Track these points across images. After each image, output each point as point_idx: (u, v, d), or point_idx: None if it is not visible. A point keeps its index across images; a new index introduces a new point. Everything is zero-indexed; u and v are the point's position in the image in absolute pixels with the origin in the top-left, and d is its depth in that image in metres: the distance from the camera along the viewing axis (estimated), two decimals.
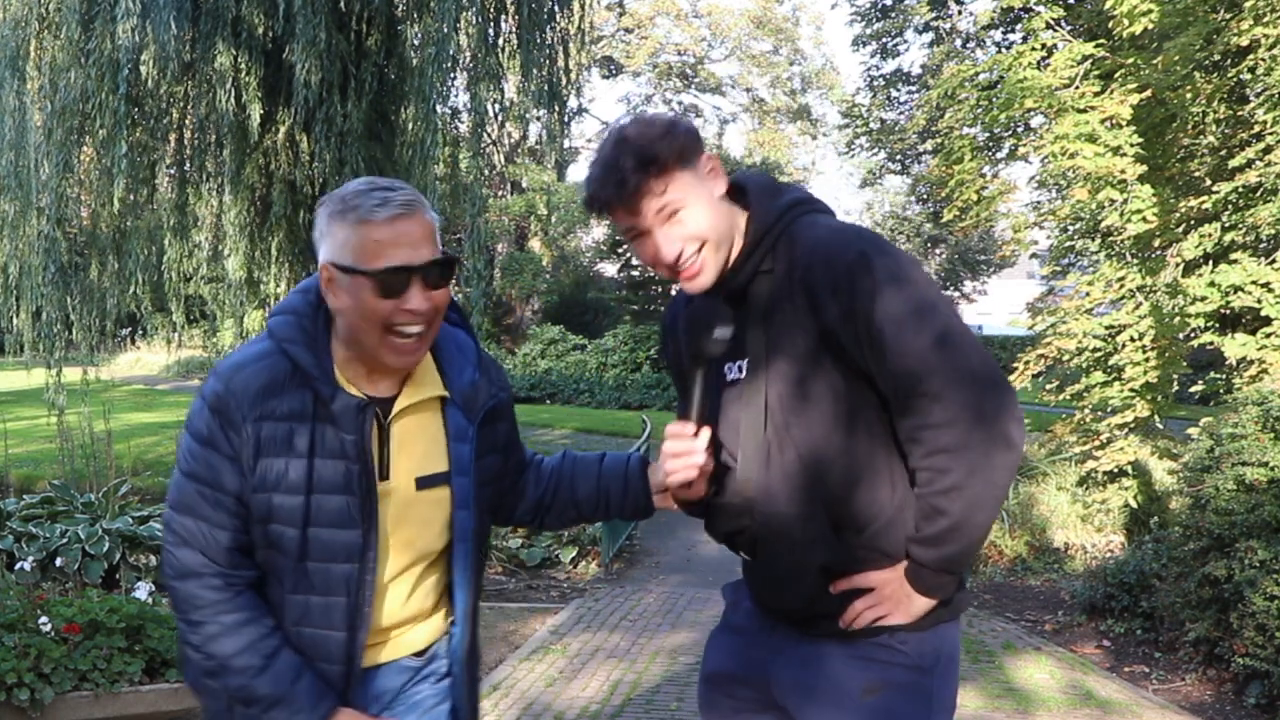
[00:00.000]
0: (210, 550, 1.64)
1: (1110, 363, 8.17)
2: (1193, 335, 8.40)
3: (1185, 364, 8.47)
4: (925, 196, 28.78)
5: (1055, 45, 9.34)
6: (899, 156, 24.19)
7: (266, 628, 1.66)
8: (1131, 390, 7.93)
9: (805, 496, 1.71)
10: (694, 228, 1.70)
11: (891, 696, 1.72)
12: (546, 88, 10.55)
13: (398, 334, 1.65)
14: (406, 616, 1.79)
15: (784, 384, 1.71)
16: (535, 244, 30.79)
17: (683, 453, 1.77)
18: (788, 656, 1.81)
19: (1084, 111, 8.18)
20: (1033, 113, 9.64)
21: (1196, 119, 8.86)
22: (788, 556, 1.75)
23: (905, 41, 22.46)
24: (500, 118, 11.57)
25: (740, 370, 1.77)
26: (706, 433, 1.77)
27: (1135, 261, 8.52)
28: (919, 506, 1.67)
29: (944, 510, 1.62)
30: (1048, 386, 9.24)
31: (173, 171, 11.06)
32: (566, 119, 12.80)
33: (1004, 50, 14.60)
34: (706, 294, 1.78)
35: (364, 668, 1.74)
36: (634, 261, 27.88)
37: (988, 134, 11.95)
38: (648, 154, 1.67)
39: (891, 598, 1.70)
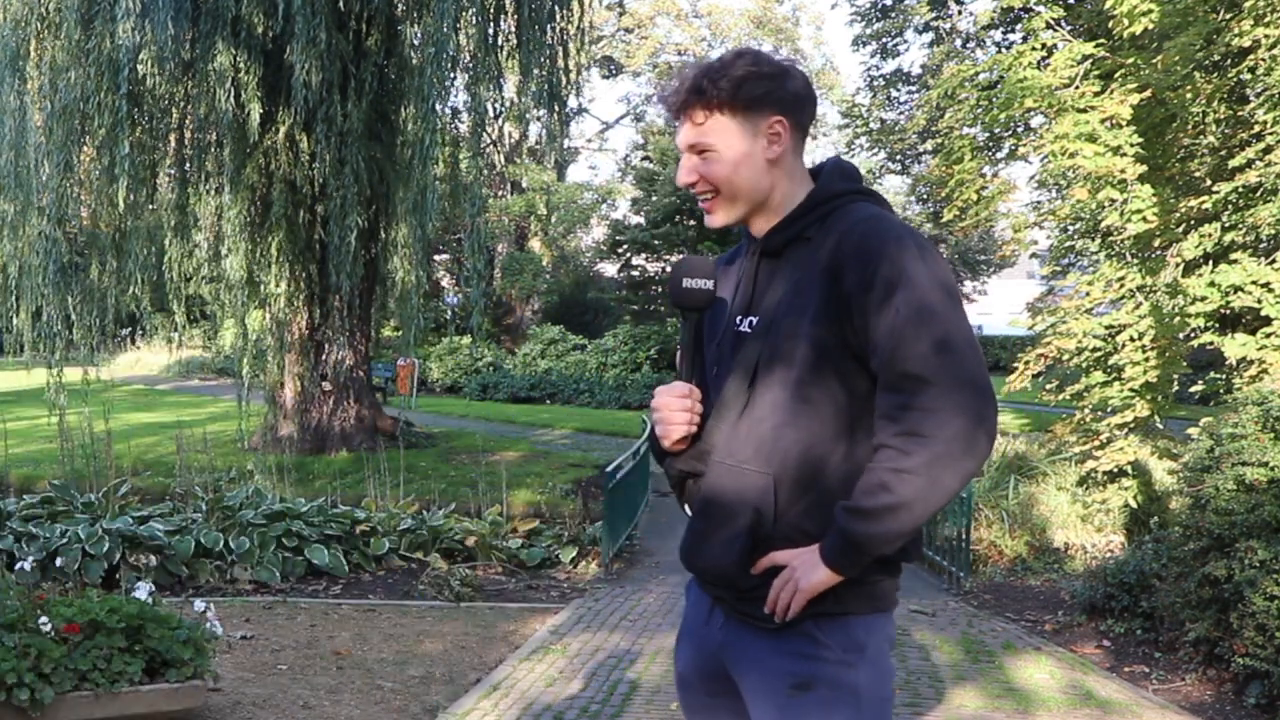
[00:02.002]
0: None
1: (1110, 363, 8.17)
2: (1193, 335, 8.41)
3: (1185, 364, 8.47)
4: (925, 196, 28.78)
5: (1055, 45, 9.35)
6: (899, 156, 24.18)
7: None
8: (1131, 390, 7.93)
9: (759, 456, 1.72)
10: (712, 172, 1.76)
11: (818, 691, 1.72)
12: (546, 88, 10.56)
13: None
14: None
15: (777, 346, 1.73)
16: (535, 244, 30.79)
17: (664, 409, 1.80)
18: (730, 646, 1.83)
19: (1084, 111, 8.19)
20: (1033, 113, 9.65)
21: (1196, 119, 8.86)
22: (721, 511, 1.76)
23: (905, 41, 22.49)
24: (500, 118, 11.61)
25: (750, 326, 1.80)
26: (693, 394, 1.80)
27: (1135, 261, 8.53)
28: (866, 479, 1.65)
29: (891, 488, 1.61)
30: (1048, 386, 9.24)
31: (173, 171, 11.07)
32: (566, 119, 12.82)
33: (1004, 50, 14.60)
34: (745, 246, 1.87)
35: None
36: (634, 261, 27.88)
37: (988, 134, 11.95)
38: (701, 85, 1.71)
39: (799, 568, 1.70)
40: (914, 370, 1.61)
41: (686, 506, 1.87)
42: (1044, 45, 9.45)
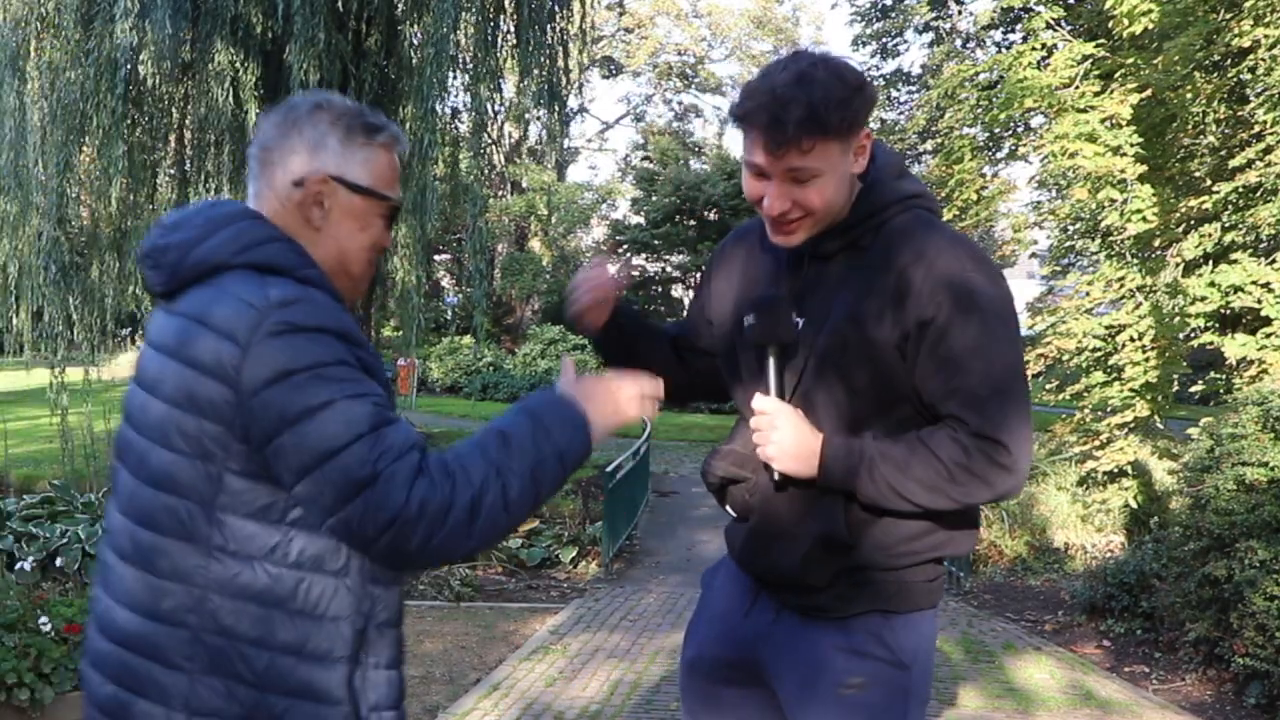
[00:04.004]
0: (412, 440, 1.37)
1: (1110, 363, 8.16)
2: (1193, 335, 8.41)
3: (1185, 364, 8.47)
4: None
5: (1055, 45, 9.35)
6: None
7: (472, 444, 1.43)
8: (1131, 390, 7.93)
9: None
10: (812, 200, 1.66)
11: (873, 692, 1.73)
12: (546, 88, 10.55)
13: (374, 265, 1.58)
14: None
15: (826, 352, 1.70)
16: (535, 244, 30.79)
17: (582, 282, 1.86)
18: (776, 637, 1.81)
19: (1084, 111, 8.19)
20: (1033, 112, 9.65)
21: (1196, 119, 8.86)
22: (788, 517, 1.75)
23: (905, 41, 22.50)
24: (500, 118, 11.58)
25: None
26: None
27: (1135, 261, 8.52)
28: (921, 437, 1.65)
29: (922, 479, 1.64)
30: (1048, 386, 9.23)
31: (172, 171, 11.05)
32: (566, 119, 12.82)
33: (1004, 50, 14.61)
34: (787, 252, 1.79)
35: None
36: (634, 261, 27.86)
37: (988, 134, 11.96)
38: (820, 115, 1.59)
39: (778, 430, 1.69)
40: (956, 413, 1.64)
41: (729, 508, 1.86)
42: (1044, 45, 9.45)
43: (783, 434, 1.68)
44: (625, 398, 1.56)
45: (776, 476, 1.73)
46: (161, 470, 1.39)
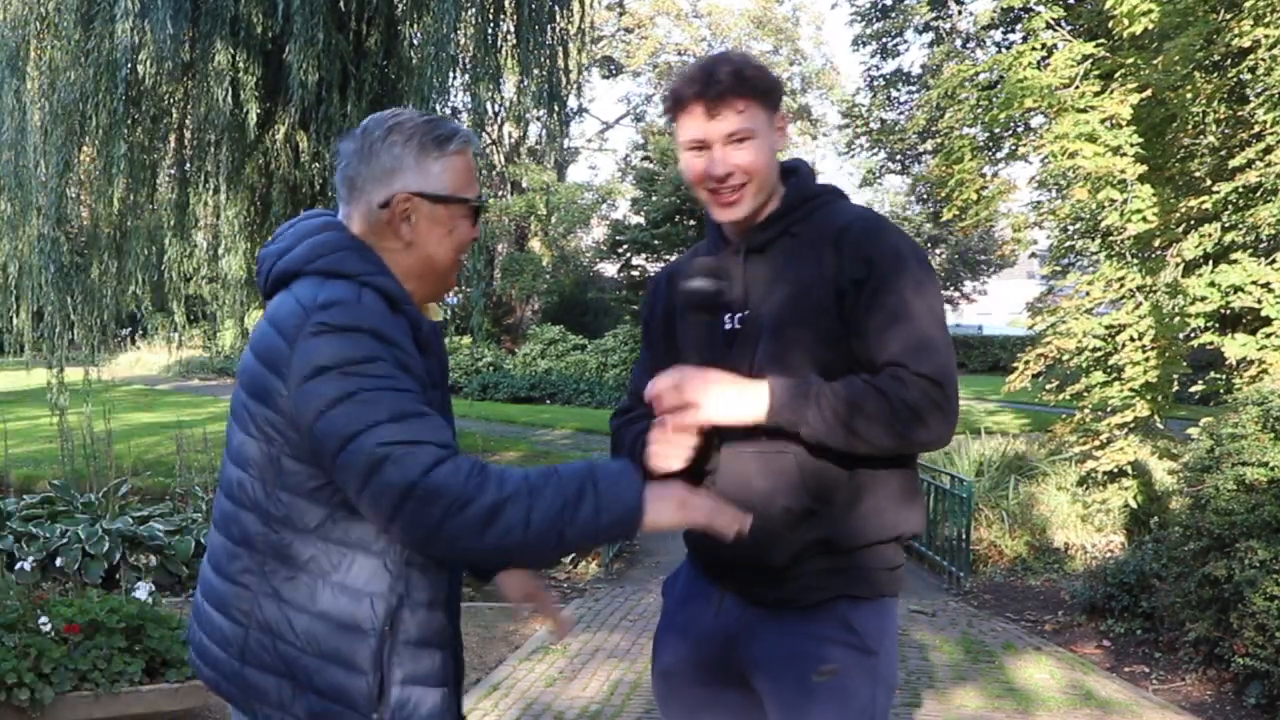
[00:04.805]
0: (440, 440, 1.48)
1: (1110, 363, 8.17)
2: (1193, 335, 8.41)
3: (1185, 364, 8.47)
4: (925, 196, 28.80)
5: (1055, 45, 9.35)
6: (899, 156, 24.19)
7: (517, 473, 1.50)
8: (1131, 390, 7.93)
9: (766, 435, 1.75)
10: (751, 161, 1.78)
11: (844, 677, 1.78)
12: (546, 88, 10.54)
13: (460, 262, 1.72)
14: None
15: (776, 335, 1.78)
16: (535, 244, 30.77)
17: (664, 443, 1.79)
18: (747, 632, 1.85)
19: (1084, 111, 8.19)
20: (1033, 112, 9.65)
21: (1196, 119, 8.86)
22: (752, 496, 1.77)
23: (905, 41, 22.49)
24: (500, 118, 11.56)
25: (738, 322, 1.84)
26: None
27: (1135, 261, 8.53)
28: (864, 378, 1.72)
29: (875, 414, 1.68)
30: (1048, 386, 9.23)
31: (172, 171, 11.04)
32: (566, 119, 12.80)
33: (1004, 50, 14.60)
34: (714, 247, 1.89)
35: None
36: (634, 261, 27.86)
37: (988, 134, 11.96)
38: (745, 73, 1.77)
39: (709, 381, 1.72)
40: (894, 362, 1.71)
41: None
42: (1044, 45, 9.45)
43: (717, 383, 1.72)
44: (698, 504, 1.59)
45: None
46: (239, 449, 1.61)
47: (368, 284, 1.57)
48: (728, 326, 1.84)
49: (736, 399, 1.71)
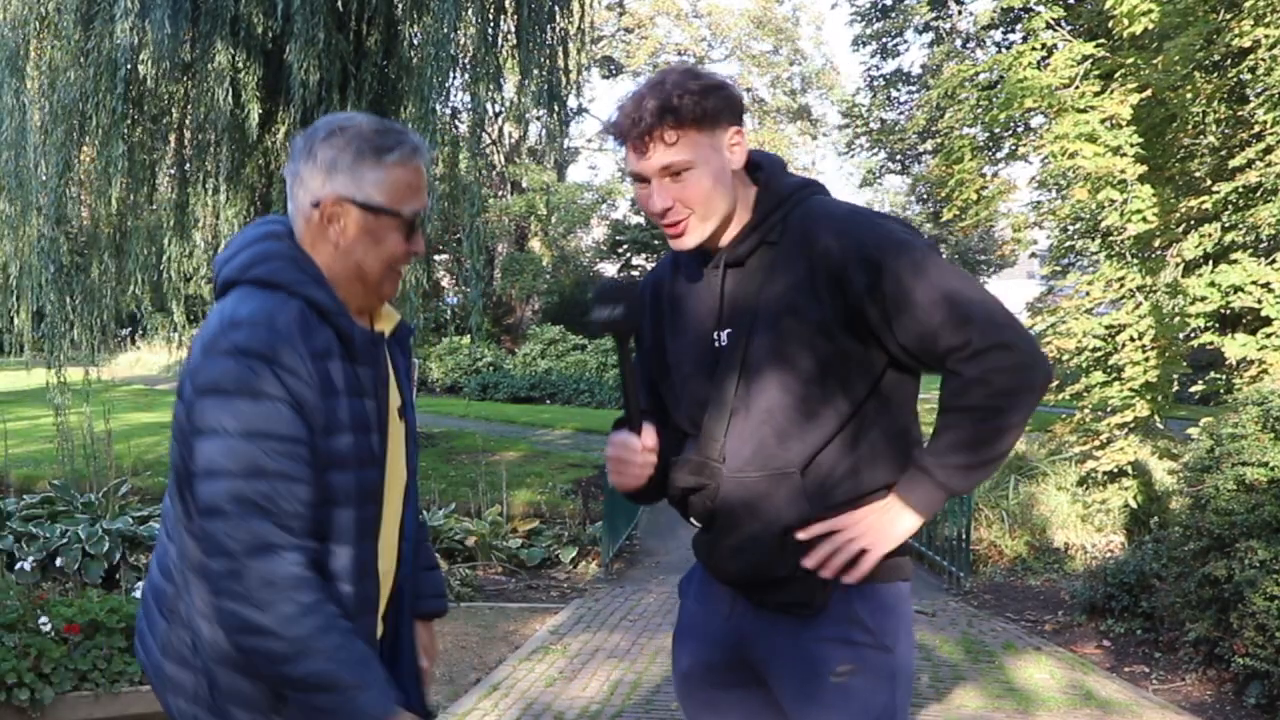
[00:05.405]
0: (286, 515, 1.50)
1: (1110, 363, 8.17)
2: (1193, 335, 8.41)
3: (1185, 364, 8.47)
4: (925, 196, 28.80)
5: (1055, 45, 9.36)
6: (899, 156, 24.22)
7: (335, 607, 1.54)
8: (1131, 390, 7.93)
9: (766, 457, 1.73)
10: (689, 193, 1.72)
11: (862, 677, 1.76)
12: (546, 88, 10.54)
13: (397, 272, 1.70)
14: (391, 560, 1.76)
15: (765, 349, 1.74)
16: (535, 244, 30.77)
17: (625, 460, 1.81)
18: (761, 635, 1.83)
19: (1084, 111, 8.19)
20: (1033, 113, 9.66)
21: (1196, 119, 8.87)
22: (748, 519, 1.76)
23: (905, 41, 22.50)
24: (500, 118, 11.57)
25: (725, 339, 1.80)
26: (649, 435, 1.81)
27: (1135, 261, 8.53)
28: (946, 412, 1.70)
29: (998, 408, 1.68)
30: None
31: (172, 171, 11.04)
32: (566, 119, 12.80)
33: (1004, 50, 14.61)
34: (694, 260, 1.84)
35: None
36: (634, 261, 27.88)
37: (988, 134, 11.97)
38: (669, 104, 1.69)
39: (870, 529, 1.72)
40: (955, 339, 1.69)
41: (693, 520, 1.87)
42: (1044, 45, 9.45)
43: (866, 525, 1.72)
44: None
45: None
46: (172, 450, 1.66)
47: (297, 294, 1.58)
48: (719, 344, 1.80)
49: (893, 525, 1.72)
